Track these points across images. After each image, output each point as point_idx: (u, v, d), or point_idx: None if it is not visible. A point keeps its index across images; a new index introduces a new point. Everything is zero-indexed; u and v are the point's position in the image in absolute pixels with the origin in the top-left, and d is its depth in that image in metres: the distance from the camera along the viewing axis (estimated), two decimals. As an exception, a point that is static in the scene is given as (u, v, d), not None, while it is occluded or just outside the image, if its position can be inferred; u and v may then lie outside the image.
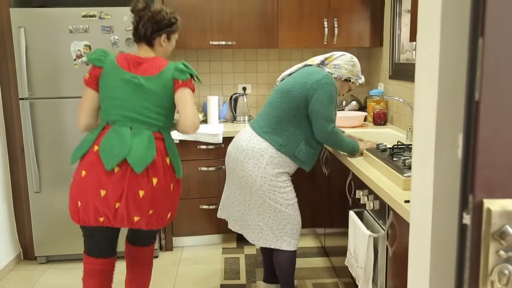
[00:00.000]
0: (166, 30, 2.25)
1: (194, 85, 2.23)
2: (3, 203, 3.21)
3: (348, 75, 2.49)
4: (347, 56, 2.51)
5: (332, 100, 2.37)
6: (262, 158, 2.40)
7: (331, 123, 2.37)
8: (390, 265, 1.89)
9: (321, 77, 2.37)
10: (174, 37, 2.33)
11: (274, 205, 2.43)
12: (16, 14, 3.05)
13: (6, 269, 3.18)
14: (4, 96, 3.21)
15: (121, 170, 2.07)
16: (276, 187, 2.42)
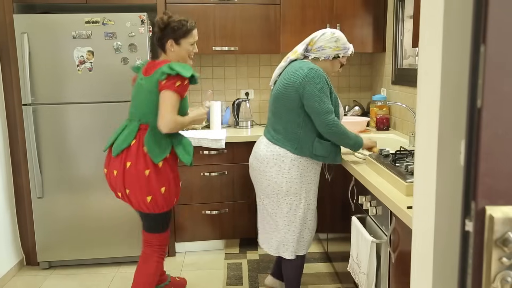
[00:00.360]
0: (170, 36, 2.44)
1: (179, 87, 2.31)
2: (6, 209, 3.21)
3: (334, 53, 2.43)
4: (327, 34, 2.43)
5: (323, 92, 2.31)
6: (284, 164, 2.41)
7: (329, 114, 2.31)
8: (392, 271, 1.88)
9: (306, 73, 2.33)
10: (186, 42, 2.46)
11: (299, 211, 2.45)
12: (20, 20, 3.07)
13: (9, 275, 3.18)
14: (7, 101, 3.22)
15: (108, 153, 2.50)
16: (302, 189, 2.44)
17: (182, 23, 2.44)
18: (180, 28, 2.43)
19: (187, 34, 2.46)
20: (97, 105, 3.20)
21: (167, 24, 2.43)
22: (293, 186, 2.41)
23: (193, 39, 2.49)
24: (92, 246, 3.34)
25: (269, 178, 2.44)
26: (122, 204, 3.30)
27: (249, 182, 3.48)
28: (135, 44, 3.14)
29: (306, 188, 2.45)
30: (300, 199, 2.44)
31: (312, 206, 2.50)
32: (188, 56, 2.50)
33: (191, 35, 2.47)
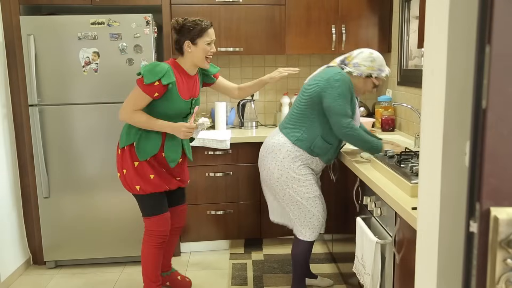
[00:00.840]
0: (186, 36, 2.49)
1: (147, 86, 2.42)
2: (13, 209, 3.23)
3: (368, 71, 2.51)
4: (365, 53, 2.54)
5: (344, 96, 2.44)
6: (280, 152, 2.56)
7: (346, 118, 2.44)
8: (397, 272, 1.88)
9: (333, 74, 2.48)
10: (202, 41, 2.50)
11: (295, 197, 2.58)
12: (26, 22, 3.09)
13: (15, 274, 3.20)
14: (14, 102, 3.24)
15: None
16: (295, 179, 2.55)
17: (196, 22, 2.49)
18: (195, 28, 2.48)
19: (202, 33, 2.50)
20: (102, 106, 3.21)
21: (182, 26, 2.50)
22: (283, 175, 2.55)
23: (209, 38, 2.53)
24: (98, 246, 3.35)
25: (265, 163, 2.62)
26: (128, 204, 3.31)
27: (254, 182, 3.49)
28: (140, 45, 3.15)
29: (300, 179, 2.56)
30: (294, 189, 2.56)
31: (311, 194, 2.58)
32: (205, 56, 2.54)
33: (207, 34, 2.51)
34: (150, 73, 2.41)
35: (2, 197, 3.10)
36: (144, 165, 2.57)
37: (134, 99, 2.47)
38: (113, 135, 3.24)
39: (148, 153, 2.55)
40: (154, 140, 2.55)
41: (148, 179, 2.57)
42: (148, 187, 2.58)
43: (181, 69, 2.56)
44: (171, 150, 2.60)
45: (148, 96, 2.45)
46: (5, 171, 3.14)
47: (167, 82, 2.43)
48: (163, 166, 2.64)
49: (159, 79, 2.41)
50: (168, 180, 2.67)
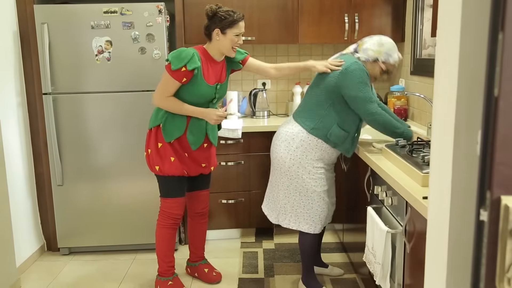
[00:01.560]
0: (217, 24, 2.54)
1: (175, 72, 2.48)
2: (27, 196, 3.28)
3: (375, 56, 2.51)
4: (374, 38, 2.56)
5: (363, 83, 2.45)
6: (293, 141, 2.56)
7: (372, 103, 2.45)
8: (407, 261, 1.88)
9: (349, 65, 2.48)
10: (232, 32, 2.55)
11: (300, 188, 2.58)
12: (40, 10, 3.11)
13: (30, 260, 3.26)
14: (28, 91, 3.28)
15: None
16: (305, 171, 2.56)
17: (229, 13, 2.55)
18: (227, 18, 2.53)
19: (233, 24, 2.55)
20: (115, 95, 3.24)
21: (215, 13, 2.55)
22: (295, 164, 2.56)
23: (239, 30, 2.57)
24: (111, 233, 3.39)
25: (277, 151, 2.62)
26: (141, 192, 3.35)
27: (265, 171, 3.49)
28: (152, 34, 3.16)
29: (310, 171, 2.56)
30: (303, 180, 2.56)
31: (318, 188, 2.58)
32: (232, 46, 2.59)
33: (237, 26, 2.56)
34: (177, 59, 2.48)
35: (17, 185, 3.15)
36: (167, 147, 2.64)
37: (165, 85, 2.54)
38: (126, 123, 3.26)
39: (173, 135, 2.62)
40: (179, 122, 2.62)
41: (169, 161, 2.64)
42: (166, 168, 2.65)
43: (208, 55, 2.62)
44: (194, 133, 2.66)
45: (176, 81, 2.52)
46: (20, 159, 3.18)
47: (192, 67, 2.49)
48: (186, 150, 2.69)
49: (185, 64, 2.47)
50: (189, 165, 2.72)
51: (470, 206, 1.03)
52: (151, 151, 2.67)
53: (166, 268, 2.81)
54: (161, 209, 2.77)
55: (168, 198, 2.73)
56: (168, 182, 2.70)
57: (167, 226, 2.76)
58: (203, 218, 2.97)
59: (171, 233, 2.77)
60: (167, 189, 2.72)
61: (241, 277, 3.04)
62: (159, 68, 3.19)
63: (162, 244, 2.78)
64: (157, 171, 2.68)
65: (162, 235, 2.77)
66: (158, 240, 2.78)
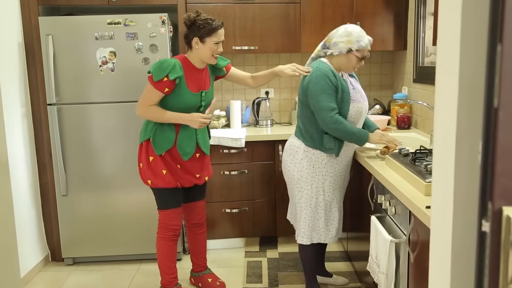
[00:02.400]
0: (196, 33, 2.53)
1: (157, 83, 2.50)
2: (32, 206, 3.30)
3: (347, 47, 2.48)
4: (340, 30, 2.52)
5: (323, 90, 2.44)
6: (297, 154, 2.59)
7: (329, 112, 2.44)
8: (411, 271, 1.87)
9: (313, 71, 2.50)
10: (210, 40, 2.54)
11: (309, 200, 2.59)
12: (45, 22, 3.14)
13: (35, 270, 3.27)
14: (33, 101, 3.30)
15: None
16: (314, 180, 2.58)
17: (208, 21, 2.52)
18: (205, 26, 2.52)
19: (212, 33, 2.53)
20: (119, 105, 3.25)
21: (193, 22, 2.54)
22: (303, 176, 2.57)
23: (218, 38, 2.55)
24: (115, 243, 3.40)
25: (285, 166, 2.66)
26: (144, 202, 3.35)
27: (269, 180, 3.49)
28: (156, 44, 3.18)
29: (319, 179, 2.58)
30: (311, 189, 2.58)
31: (327, 198, 2.60)
32: (212, 54, 2.58)
33: (216, 34, 2.54)
34: (158, 70, 2.49)
35: (22, 195, 3.16)
36: (158, 160, 2.63)
37: (147, 96, 2.55)
38: (130, 133, 3.28)
39: (163, 147, 2.62)
40: (168, 134, 2.62)
41: (160, 174, 2.64)
42: (159, 182, 2.65)
43: (189, 64, 2.62)
44: (184, 143, 2.65)
45: (159, 92, 2.53)
46: (24, 169, 3.20)
47: (174, 77, 2.50)
48: (177, 162, 2.68)
49: (167, 74, 2.48)
50: (181, 177, 2.71)
51: (472, 216, 1.03)
52: (142, 165, 2.68)
53: (169, 280, 2.81)
54: (160, 221, 2.77)
55: (164, 210, 2.73)
56: (163, 194, 2.70)
57: (166, 238, 2.76)
58: (200, 228, 2.97)
59: (171, 245, 2.77)
60: (162, 201, 2.73)
61: (245, 287, 3.03)
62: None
63: (163, 256, 2.78)
64: (150, 185, 2.68)
65: (163, 248, 2.77)
66: (159, 252, 2.78)
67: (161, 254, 2.78)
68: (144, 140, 2.65)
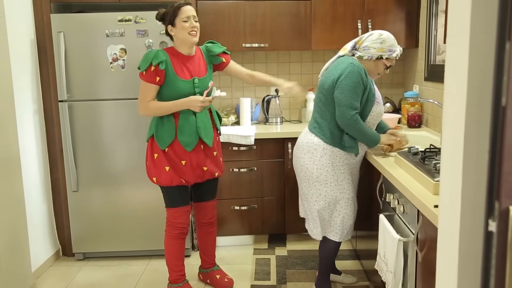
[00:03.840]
0: (167, 22, 2.61)
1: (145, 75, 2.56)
2: (43, 202, 3.33)
3: (378, 53, 2.48)
4: (374, 35, 2.51)
5: (353, 88, 2.43)
6: (316, 151, 2.56)
7: (351, 110, 2.44)
8: (419, 270, 1.86)
9: (345, 67, 2.47)
10: (179, 20, 2.57)
11: (329, 197, 2.59)
12: (56, 19, 3.17)
13: (46, 265, 3.31)
14: (45, 98, 3.33)
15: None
16: (333, 178, 2.57)
17: (171, 5, 2.60)
18: (169, 12, 2.59)
19: (176, 12, 2.57)
20: (129, 102, 3.27)
21: (162, 15, 2.63)
22: (323, 173, 2.55)
23: (185, 15, 2.57)
24: (125, 239, 3.42)
25: (302, 164, 2.61)
26: (154, 199, 3.37)
27: (278, 178, 3.49)
28: (166, 41, 3.19)
29: (338, 177, 2.57)
30: (331, 186, 2.57)
31: (346, 195, 2.59)
32: (188, 33, 2.58)
33: (181, 12, 2.57)
34: (143, 62, 2.56)
35: (33, 190, 3.20)
36: (162, 157, 2.65)
37: (143, 93, 2.60)
38: (140, 130, 3.30)
39: (166, 141, 2.63)
40: (167, 127, 2.63)
41: (164, 171, 2.65)
42: (163, 179, 2.66)
43: (176, 52, 2.66)
44: (185, 134, 2.64)
45: (151, 84, 2.57)
46: (36, 165, 3.23)
47: (157, 62, 2.53)
48: (182, 157, 2.65)
49: (151, 62, 2.53)
50: (186, 173, 2.68)
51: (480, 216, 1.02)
52: (148, 163, 2.71)
53: (177, 277, 2.83)
54: (167, 219, 2.79)
55: (171, 208, 2.74)
56: (169, 192, 2.71)
57: (174, 236, 2.76)
58: (211, 227, 2.96)
59: (179, 243, 2.78)
60: (169, 199, 2.74)
61: (254, 284, 3.04)
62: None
63: (171, 254, 2.79)
64: (155, 182, 2.70)
65: (170, 246, 2.78)
66: (167, 250, 2.80)
67: (168, 252, 2.79)
68: (149, 137, 2.69)
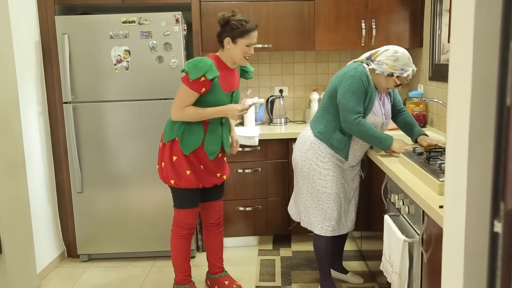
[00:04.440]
0: (228, 33, 2.53)
1: (193, 83, 2.47)
2: (48, 203, 3.34)
3: (390, 71, 2.49)
4: (389, 51, 2.51)
5: (354, 92, 2.48)
6: (305, 144, 2.68)
7: (353, 114, 2.49)
8: (425, 271, 1.85)
9: (349, 70, 2.54)
10: (242, 42, 2.54)
11: (311, 189, 2.66)
12: (61, 21, 3.18)
13: (51, 266, 3.31)
14: (49, 100, 3.34)
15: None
16: (316, 171, 2.64)
17: (241, 23, 2.52)
18: (238, 27, 2.51)
19: (244, 34, 2.53)
20: (133, 103, 3.28)
21: (227, 21, 2.53)
22: (306, 166, 2.65)
23: (250, 41, 2.55)
24: (129, 240, 3.43)
25: (294, 154, 2.76)
26: (158, 200, 3.37)
27: (282, 178, 3.49)
28: (170, 43, 3.20)
29: (321, 172, 2.63)
30: (313, 179, 2.64)
31: (328, 190, 2.63)
32: (243, 56, 2.57)
33: (248, 36, 2.54)
34: (195, 68, 2.46)
35: (38, 191, 3.20)
36: (182, 160, 2.62)
37: (183, 98, 2.52)
38: (144, 131, 3.30)
39: (191, 147, 2.61)
40: (197, 133, 2.61)
41: (184, 174, 2.63)
42: (182, 182, 2.64)
43: (221, 63, 2.61)
44: (211, 143, 2.65)
45: (195, 92, 2.50)
46: (41, 167, 3.24)
47: (212, 77, 2.48)
48: (202, 161, 2.67)
49: (204, 73, 2.46)
50: (204, 177, 2.70)
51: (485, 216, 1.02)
52: (165, 164, 2.65)
53: (183, 277, 2.82)
54: (175, 219, 2.77)
55: (182, 209, 2.73)
56: (183, 194, 2.70)
57: (181, 236, 2.76)
58: (218, 228, 2.95)
59: (186, 243, 2.78)
60: (181, 200, 2.72)
61: (258, 285, 3.03)
62: (176, 77, 3.22)
63: (178, 254, 2.78)
64: (173, 185, 2.67)
65: (177, 246, 2.77)
66: (174, 250, 2.79)
67: (175, 252, 2.79)
68: (170, 140, 2.63)
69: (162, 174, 2.70)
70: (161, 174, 2.70)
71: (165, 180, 2.69)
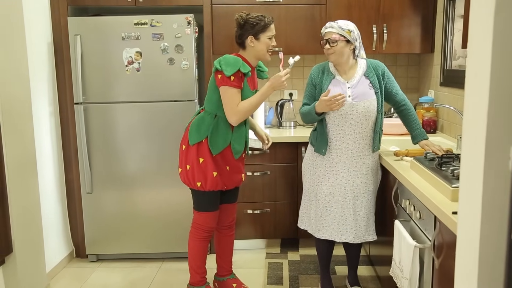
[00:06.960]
0: (250, 31, 2.57)
1: (234, 81, 2.51)
2: (58, 203, 3.36)
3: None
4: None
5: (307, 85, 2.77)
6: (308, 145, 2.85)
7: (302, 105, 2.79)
8: (436, 278, 1.84)
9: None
10: (265, 36, 2.59)
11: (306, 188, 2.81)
12: (73, 22, 3.20)
13: (60, 266, 3.33)
14: (61, 100, 3.37)
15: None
16: (307, 170, 2.77)
17: (260, 18, 2.58)
18: (258, 23, 2.56)
19: (265, 28, 2.58)
20: (144, 104, 3.29)
21: (246, 21, 2.58)
22: (303, 164, 2.82)
23: (271, 33, 2.61)
24: (138, 241, 3.44)
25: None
26: (168, 200, 3.38)
27: (291, 182, 3.48)
28: (181, 45, 3.21)
29: (304, 171, 2.79)
30: (305, 177, 2.80)
31: (307, 185, 2.77)
32: (267, 50, 2.61)
33: (269, 29, 2.60)
34: (228, 66, 2.51)
35: (48, 192, 3.22)
36: (209, 161, 2.62)
37: (231, 99, 2.54)
38: (154, 133, 3.31)
39: (220, 146, 2.62)
40: (225, 133, 2.63)
41: (211, 176, 2.62)
42: (208, 184, 2.63)
43: (247, 62, 2.64)
44: (237, 141, 2.67)
45: (238, 88, 2.54)
46: (51, 167, 3.26)
47: (246, 71, 2.54)
48: (228, 162, 2.67)
49: (239, 68, 2.51)
50: (228, 179, 2.70)
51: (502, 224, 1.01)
52: (190, 167, 2.64)
53: (199, 279, 2.81)
54: (195, 222, 2.75)
55: (204, 212, 2.71)
56: (205, 196, 2.68)
57: (200, 238, 2.75)
58: (230, 230, 2.94)
59: (204, 245, 2.77)
60: (203, 203, 2.70)
61: (266, 288, 3.03)
62: (187, 79, 3.23)
63: (196, 256, 2.77)
64: (199, 187, 2.64)
65: (196, 248, 2.76)
66: (191, 252, 2.77)
67: (193, 254, 2.77)
68: (196, 142, 2.62)
69: (186, 177, 2.67)
70: (185, 177, 2.67)
71: (190, 183, 2.66)
